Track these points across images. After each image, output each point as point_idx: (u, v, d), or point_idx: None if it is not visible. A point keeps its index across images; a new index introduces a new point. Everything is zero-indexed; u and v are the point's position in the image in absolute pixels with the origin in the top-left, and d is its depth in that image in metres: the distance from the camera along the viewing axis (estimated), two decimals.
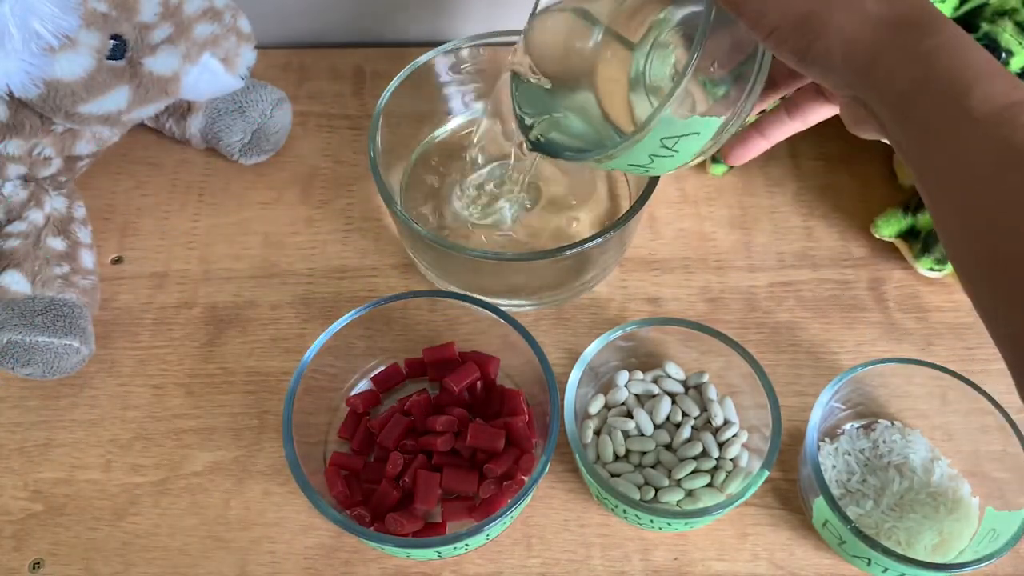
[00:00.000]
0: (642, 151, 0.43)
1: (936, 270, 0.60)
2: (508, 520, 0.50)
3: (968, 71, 0.35)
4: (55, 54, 0.52)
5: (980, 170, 0.34)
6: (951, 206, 0.36)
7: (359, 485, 0.53)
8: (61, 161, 0.62)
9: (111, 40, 0.54)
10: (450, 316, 0.57)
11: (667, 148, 0.43)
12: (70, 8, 0.52)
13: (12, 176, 0.60)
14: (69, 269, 0.58)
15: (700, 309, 0.61)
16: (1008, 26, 0.52)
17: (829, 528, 0.49)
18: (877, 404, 0.55)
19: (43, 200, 0.60)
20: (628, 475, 0.52)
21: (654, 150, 0.43)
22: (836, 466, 0.53)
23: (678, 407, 0.55)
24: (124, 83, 0.56)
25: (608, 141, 0.47)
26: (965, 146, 0.34)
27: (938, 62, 0.35)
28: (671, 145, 0.43)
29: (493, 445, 0.52)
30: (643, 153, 0.44)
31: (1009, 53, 0.52)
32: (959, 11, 0.54)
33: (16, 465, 0.56)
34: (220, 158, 0.68)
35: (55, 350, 0.55)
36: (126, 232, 0.66)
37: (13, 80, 0.52)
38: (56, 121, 0.58)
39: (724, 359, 0.54)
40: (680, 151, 0.44)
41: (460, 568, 0.52)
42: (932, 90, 0.35)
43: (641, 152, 0.43)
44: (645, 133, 0.41)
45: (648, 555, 0.52)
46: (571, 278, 0.58)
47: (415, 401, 0.54)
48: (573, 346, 0.59)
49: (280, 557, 0.53)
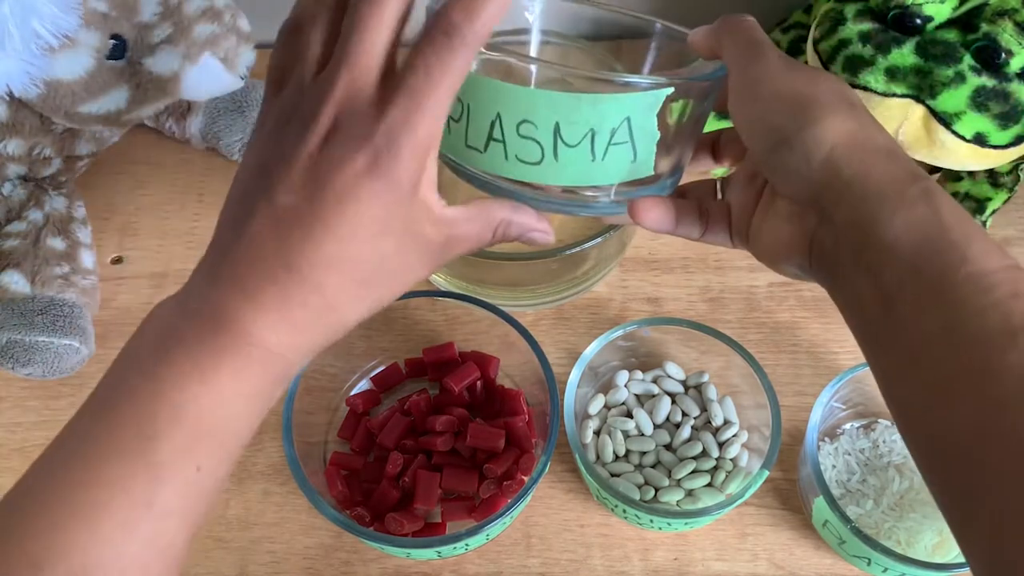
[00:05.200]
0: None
1: None
2: (508, 520, 0.50)
3: (967, 224, 0.32)
4: (55, 54, 0.52)
5: (992, 340, 0.30)
6: (932, 375, 0.31)
7: (359, 485, 0.53)
8: (61, 161, 0.62)
9: (111, 40, 0.54)
10: (450, 316, 0.57)
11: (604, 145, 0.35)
12: (70, 8, 0.52)
13: (12, 176, 0.60)
14: (69, 269, 0.58)
15: (700, 309, 0.61)
16: (1008, 26, 0.52)
17: (829, 528, 0.49)
18: (877, 404, 0.55)
19: (43, 200, 0.60)
20: (628, 475, 0.52)
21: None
22: (836, 466, 0.53)
23: (678, 407, 0.55)
24: (124, 83, 0.56)
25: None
26: (964, 312, 0.30)
27: (941, 207, 0.32)
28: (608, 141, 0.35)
29: (493, 445, 0.52)
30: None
31: (1009, 53, 0.52)
32: (959, 11, 0.54)
33: (16, 465, 0.56)
34: (220, 158, 0.68)
35: (55, 350, 0.55)
36: (126, 232, 0.66)
37: (13, 80, 0.52)
38: (56, 121, 0.57)
39: (724, 359, 0.54)
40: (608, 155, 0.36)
41: (460, 568, 0.52)
42: (934, 237, 0.32)
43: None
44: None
45: (648, 555, 0.52)
46: (571, 277, 0.58)
47: (415, 401, 0.54)
48: (573, 346, 0.59)
49: (280, 557, 0.52)
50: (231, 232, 0.32)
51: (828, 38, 0.56)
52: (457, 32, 0.30)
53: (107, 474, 0.29)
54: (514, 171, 0.35)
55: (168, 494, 0.30)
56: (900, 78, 0.53)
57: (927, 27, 0.54)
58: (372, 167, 0.30)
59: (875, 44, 0.54)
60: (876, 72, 0.53)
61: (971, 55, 0.53)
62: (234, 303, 0.31)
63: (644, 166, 0.36)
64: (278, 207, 0.30)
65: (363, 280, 0.32)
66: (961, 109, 0.52)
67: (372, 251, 0.31)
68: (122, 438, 0.30)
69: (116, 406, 0.31)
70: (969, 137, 0.53)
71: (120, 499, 0.29)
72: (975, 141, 0.53)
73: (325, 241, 0.30)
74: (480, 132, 0.34)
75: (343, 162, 0.30)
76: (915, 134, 0.54)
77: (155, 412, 0.30)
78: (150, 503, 0.30)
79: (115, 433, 0.30)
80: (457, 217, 0.34)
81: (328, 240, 0.30)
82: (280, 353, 0.32)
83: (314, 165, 0.30)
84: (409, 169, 0.31)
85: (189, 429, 0.30)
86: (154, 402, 0.30)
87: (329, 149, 0.30)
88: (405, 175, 0.31)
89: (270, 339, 0.31)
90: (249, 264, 0.31)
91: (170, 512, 0.30)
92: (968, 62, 0.53)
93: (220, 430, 0.31)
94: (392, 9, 0.30)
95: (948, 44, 0.53)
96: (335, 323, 0.33)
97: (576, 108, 0.33)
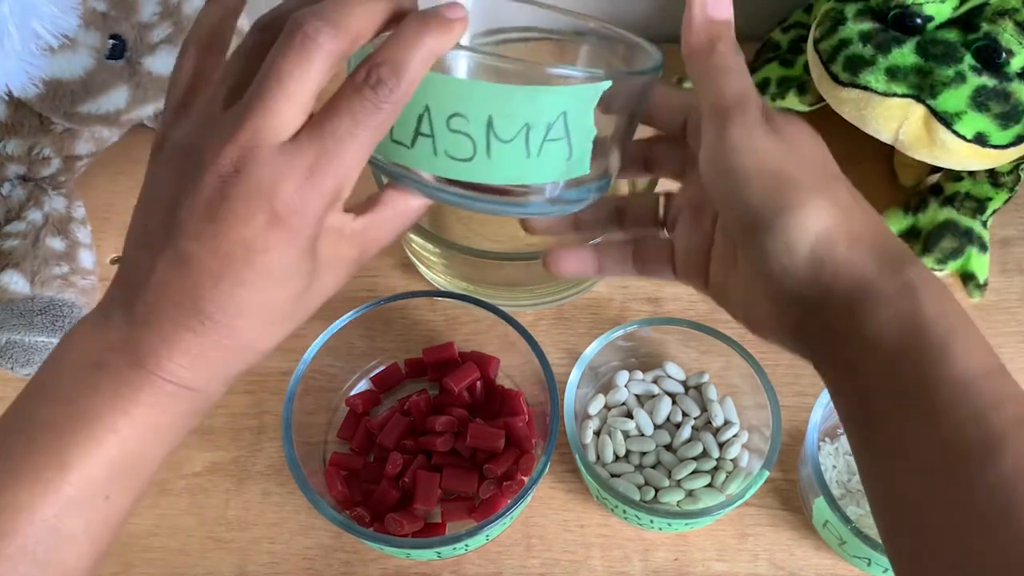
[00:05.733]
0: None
1: (937, 270, 0.60)
2: (508, 521, 0.50)
3: (950, 318, 0.31)
4: (54, 54, 0.52)
5: (970, 454, 0.29)
6: (908, 478, 0.30)
7: (359, 485, 0.53)
8: (60, 161, 0.62)
9: (110, 40, 0.54)
10: (450, 316, 0.57)
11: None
12: (69, 8, 0.52)
13: (11, 176, 0.60)
14: (68, 269, 0.58)
15: (700, 309, 0.61)
16: (1008, 26, 0.52)
17: (829, 528, 0.49)
18: None
19: (42, 200, 0.60)
20: (628, 475, 0.52)
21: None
22: (836, 466, 0.53)
23: (678, 407, 0.55)
24: (123, 83, 0.56)
25: None
26: (941, 421, 0.29)
27: (923, 302, 0.31)
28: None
29: (493, 445, 0.52)
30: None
31: (1010, 53, 0.52)
32: (959, 11, 0.54)
33: None
34: None
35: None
36: (125, 232, 0.65)
37: (12, 80, 0.52)
38: (55, 121, 0.57)
39: (724, 359, 0.54)
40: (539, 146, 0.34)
41: (460, 569, 0.52)
42: (914, 334, 0.31)
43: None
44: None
45: (648, 556, 0.52)
46: (571, 277, 0.58)
47: (415, 401, 0.54)
48: (573, 346, 0.59)
49: (279, 557, 0.52)
50: (142, 264, 0.31)
51: (828, 38, 0.56)
52: (383, 87, 0.29)
53: (16, 500, 0.30)
54: (443, 168, 0.33)
55: (74, 521, 0.30)
56: (900, 78, 0.53)
57: (927, 27, 0.54)
58: (277, 221, 0.29)
59: (875, 44, 0.54)
60: (876, 72, 0.53)
61: (972, 55, 0.53)
62: (149, 343, 0.31)
63: (579, 164, 0.35)
64: (182, 253, 0.30)
65: (279, 319, 0.32)
66: (962, 109, 0.52)
67: (285, 293, 0.31)
68: (35, 465, 0.30)
69: (32, 432, 0.31)
70: (970, 137, 0.53)
71: (25, 527, 0.30)
72: (976, 141, 0.53)
73: (235, 291, 0.30)
74: (407, 126, 0.33)
75: (247, 214, 0.29)
76: (916, 134, 0.54)
77: (70, 441, 0.30)
78: (55, 529, 0.30)
79: (28, 460, 0.30)
80: (367, 225, 0.33)
81: (238, 290, 0.30)
82: (197, 388, 0.32)
83: (215, 215, 0.29)
84: (318, 216, 0.30)
85: (102, 460, 0.30)
86: (71, 431, 0.30)
87: (230, 200, 0.29)
88: (313, 221, 0.30)
89: (186, 376, 0.31)
90: (162, 309, 0.30)
91: (74, 537, 0.30)
92: (969, 62, 0.53)
93: (132, 462, 0.31)
94: (319, 68, 0.29)
95: (949, 44, 0.53)
96: (253, 357, 0.33)
97: (511, 101, 0.32)
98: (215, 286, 0.30)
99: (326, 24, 0.28)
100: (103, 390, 0.31)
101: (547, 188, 0.35)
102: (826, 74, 0.55)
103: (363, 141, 0.29)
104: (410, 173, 0.34)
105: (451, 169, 0.33)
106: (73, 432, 0.30)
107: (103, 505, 0.31)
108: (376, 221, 0.34)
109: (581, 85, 0.33)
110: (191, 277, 0.30)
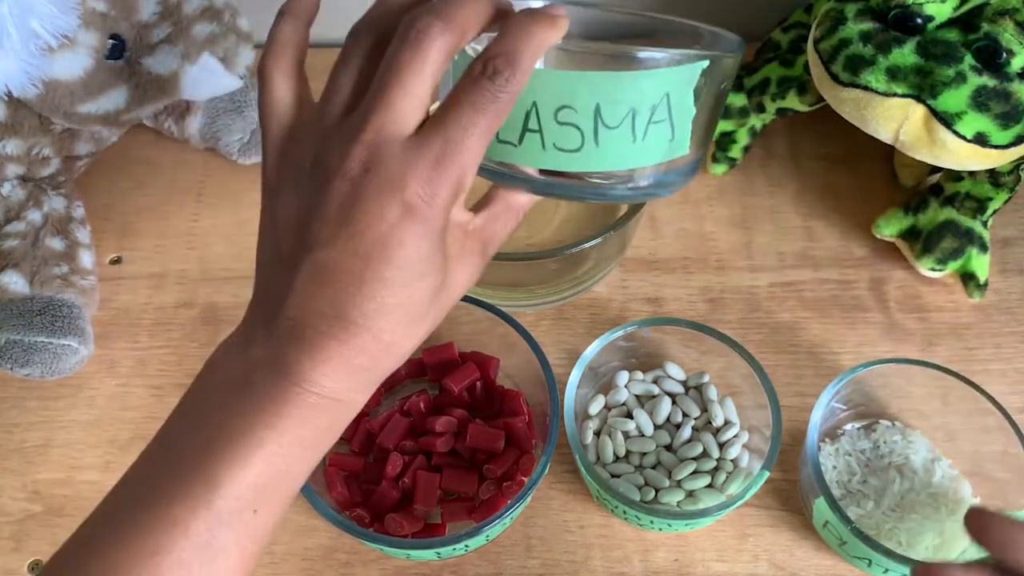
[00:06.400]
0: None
1: (937, 270, 0.60)
2: (508, 521, 0.50)
3: None
4: (54, 54, 0.52)
5: None
6: None
7: (358, 486, 0.53)
8: (60, 161, 0.62)
9: (110, 40, 0.54)
10: (450, 316, 0.56)
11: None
12: (69, 8, 0.52)
13: (11, 176, 0.60)
14: (68, 269, 0.58)
15: (700, 309, 0.61)
16: (1008, 26, 0.52)
17: (830, 529, 0.49)
18: (878, 404, 0.55)
19: (42, 200, 0.60)
20: (628, 476, 0.52)
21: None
22: (837, 467, 0.53)
23: (678, 407, 0.54)
24: (123, 83, 0.56)
25: None
26: None
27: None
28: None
29: (493, 446, 0.52)
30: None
31: (1010, 53, 0.52)
32: (960, 10, 0.54)
33: (15, 466, 0.56)
34: (219, 158, 0.68)
35: (54, 350, 0.54)
36: (125, 232, 0.66)
37: (12, 80, 0.52)
38: (55, 121, 0.57)
39: (724, 359, 0.54)
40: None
41: (460, 569, 0.52)
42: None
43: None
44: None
45: (648, 556, 0.52)
46: (571, 278, 0.58)
47: (415, 402, 0.54)
48: (573, 346, 0.59)
49: (280, 557, 0.52)
50: (279, 283, 0.32)
51: (829, 37, 0.56)
52: (500, 76, 0.30)
53: (170, 517, 0.31)
54: (552, 161, 0.34)
55: (225, 535, 0.31)
56: (901, 78, 0.53)
57: (928, 27, 0.54)
58: (410, 212, 0.30)
59: (876, 44, 0.54)
60: (877, 72, 0.53)
61: (972, 55, 0.53)
62: (294, 355, 0.31)
63: (680, 145, 0.36)
64: (319, 262, 0.31)
65: (418, 317, 0.33)
66: (962, 109, 0.52)
67: (422, 289, 0.32)
68: (186, 483, 0.31)
69: (181, 452, 0.32)
70: (970, 137, 0.53)
71: (180, 541, 0.31)
72: (976, 141, 0.53)
73: (377, 291, 0.31)
74: (514, 124, 0.34)
75: (380, 210, 0.30)
76: (916, 134, 0.54)
77: (218, 459, 0.31)
78: (208, 544, 0.31)
79: (179, 478, 0.31)
80: (486, 222, 0.35)
81: (380, 289, 0.31)
82: (341, 398, 0.33)
83: (349, 217, 0.30)
84: (446, 206, 0.31)
85: (250, 475, 0.31)
86: (219, 449, 0.31)
87: (363, 199, 0.30)
88: (442, 212, 0.31)
89: (332, 386, 0.32)
90: (304, 318, 0.31)
91: (226, 551, 0.31)
92: (969, 62, 0.53)
93: (278, 476, 0.32)
94: (435, 60, 0.30)
95: (949, 44, 0.53)
96: (393, 361, 0.33)
97: (617, 87, 0.33)
98: (358, 290, 0.31)
99: (437, 19, 0.30)
100: (248, 407, 0.31)
101: (649, 171, 0.36)
102: (826, 74, 0.55)
103: (483, 130, 0.30)
104: (515, 171, 0.35)
105: (560, 161, 0.34)
106: (221, 450, 0.31)
107: (251, 519, 0.32)
108: (493, 215, 0.35)
109: (682, 66, 0.34)
110: (332, 284, 0.31)
